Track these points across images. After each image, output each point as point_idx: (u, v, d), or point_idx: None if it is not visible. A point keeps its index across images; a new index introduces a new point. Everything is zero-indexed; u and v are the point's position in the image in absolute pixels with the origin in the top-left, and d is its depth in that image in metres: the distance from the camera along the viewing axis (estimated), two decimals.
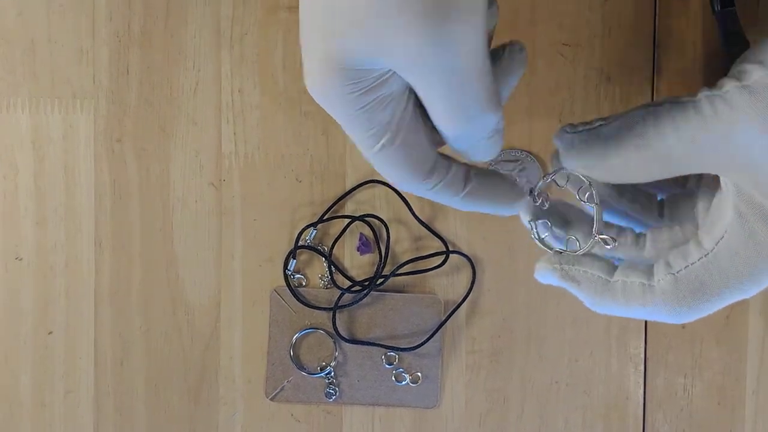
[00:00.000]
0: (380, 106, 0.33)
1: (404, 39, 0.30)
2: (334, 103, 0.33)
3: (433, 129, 0.35)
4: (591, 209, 0.38)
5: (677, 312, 0.36)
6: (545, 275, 0.39)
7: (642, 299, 0.36)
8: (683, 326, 0.55)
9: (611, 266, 0.38)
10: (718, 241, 0.35)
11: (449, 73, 0.32)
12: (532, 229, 0.40)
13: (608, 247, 0.38)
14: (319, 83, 0.33)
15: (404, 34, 0.30)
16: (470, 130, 0.34)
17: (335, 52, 0.31)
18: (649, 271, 0.37)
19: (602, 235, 0.38)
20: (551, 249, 0.40)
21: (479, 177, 0.37)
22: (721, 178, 0.35)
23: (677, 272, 0.36)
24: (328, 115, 0.34)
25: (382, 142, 0.34)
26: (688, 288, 0.35)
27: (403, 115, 0.34)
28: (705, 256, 0.35)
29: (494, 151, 0.36)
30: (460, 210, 0.38)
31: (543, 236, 0.40)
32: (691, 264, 0.35)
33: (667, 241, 0.38)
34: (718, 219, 0.35)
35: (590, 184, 0.38)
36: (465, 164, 0.36)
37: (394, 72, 0.32)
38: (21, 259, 0.57)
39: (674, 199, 0.41)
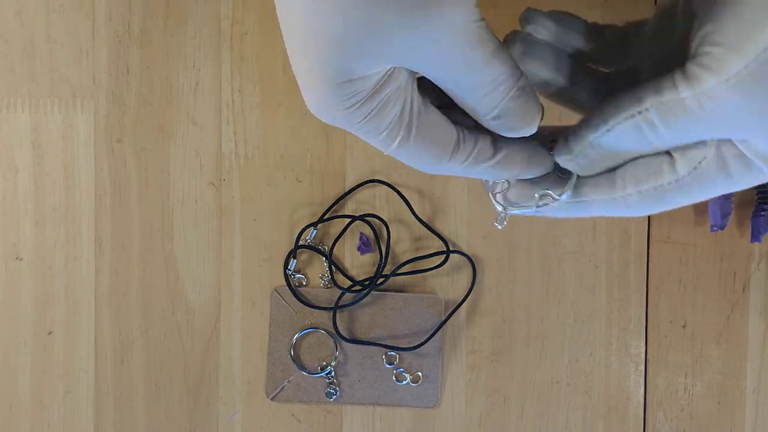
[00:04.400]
0: (387, 106, 0.33)
1: (397, 35, 0.30)
2: (341, 118, 0.32)
3: (451, 105, 0.34)
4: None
5: (633, 214, 0.37)
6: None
7: (606, 210, 0.37)
8: (684, 326, 0.55)
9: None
10: (691, 171, 0.35)
11: (448, 52, 0.31)
12: (492, 195, 0.39)
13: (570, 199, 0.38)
14: (322, 104, 0.32)
15: (396, 31, 0.30)
16: (484, 90, 0.33)
17: (329, 69, 0.31)
18: (612, 181, 0.36)
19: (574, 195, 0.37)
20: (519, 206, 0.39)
21: (508, 143, 0.36)
22: None
23: (644, 190, 0.36)
24: None
25: (399, 139, 0.34)
26: (652, 201, 0.36)
27: (411, 106, 0.33)
28: (676, 181, 0.35)
29: (528, 113, 0.35)
30: (493, 180, 0.37)
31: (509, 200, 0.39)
32: (661, 185, 0.35)
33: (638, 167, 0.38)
34: (693, 145, 0.35)
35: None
36: (491, 133, 0.35)
37: (395, 67, 0.32)
38: (21, 259, 0.56)
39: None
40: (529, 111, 0.35)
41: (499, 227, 0.39)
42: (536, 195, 0.38)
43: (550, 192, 0.38)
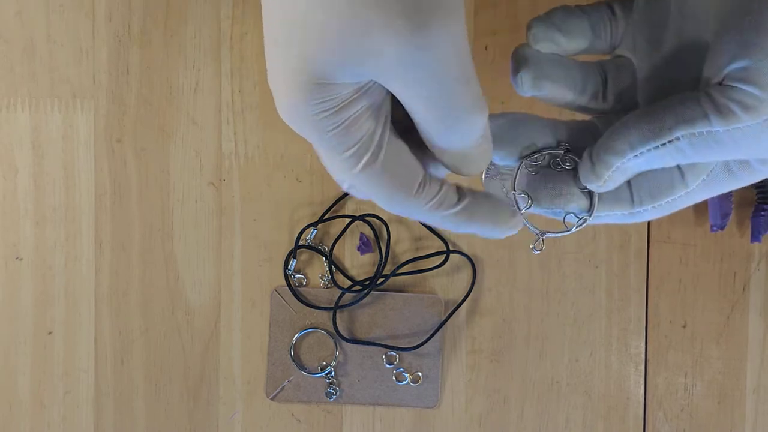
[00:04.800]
0: (358, 121, 0.31)
1: (384, 43, 0.28)
2: (308, 122, 0.31)
3: (419, 145, 0.33)
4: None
5: (641, 221, 0.38)
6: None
7: (619, 220, 0.38)
8: (684, 326, 0.55)
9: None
10: (700, 182, 0.36)
11: (433, 74, 0.30)
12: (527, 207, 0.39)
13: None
14: (288, 104, 0.31)
15: (383, 38, 0.28)
16: (458, 134, 0.32)
17: (306, 67, 0.29)
18: (628, 200, 0.37)
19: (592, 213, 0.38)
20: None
21: (472, 193, 0.35)
22: None
23: (659, 204, 0.36)
24: None
25: (365, 160, 0.32)
26: (664, 211, 0.37)
27: (384, 129, 0.32)
28: (686, 193, 0.36)
29: (485, 160, 0.35)
30: (454, 232, 0.37)
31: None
32: (674, 198, 0.36)
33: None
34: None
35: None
36: (456, 182, 0.35)
37: (373, 83, 0.31)
38: (21, 259, 0.56)
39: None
40: (485, 161, 0.35)
41: (536, 252, 0.39)
42: (572, 221, 0.38)
43: (576, 213, 0.38)
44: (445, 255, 0.55)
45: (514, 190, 0.38)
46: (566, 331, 0.56)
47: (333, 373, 0.56)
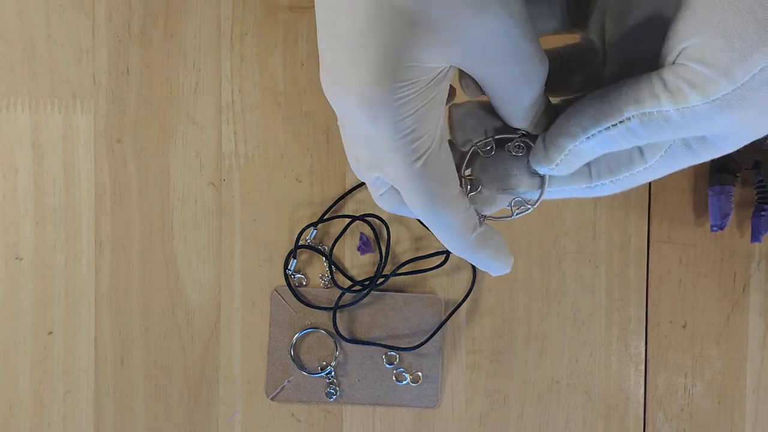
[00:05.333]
0: (432, 108, 0.32)
1: (476, 21, 0.30)
2: (387, 108, 0.31)
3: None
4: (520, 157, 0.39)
5: (600, 195, 0.38)
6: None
7: (576, 194, 0.38)
8: (684, 326, 0.55)
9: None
10: (659, 158, 0.35)
11: (514, 40, 0.31)
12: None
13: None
14: (368, 91, 0.31)
15: (473, 13, 0.30)
16: (531, 90, 0.34)
17: (394, 49, 0.30)
18: (586, 174, 0.37)
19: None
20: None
21: (488, 223, 0.37)
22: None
23: (617, 179, 0.36)
24: (328, 115, 0.33)
25: (429, 152, 0.33)
26: (623, 185, 0.36)
27: (440, 120, 0.33)
28: (645, 168, 0.36)
29: (549, 114, 0.36)
30: (464, 257, 0.37)
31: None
32: (632, 173, 0.36)
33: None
34: None
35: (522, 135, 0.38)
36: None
37: (448, 69, 0.32)
38: (21, 259, 0.56)
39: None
40: (550, 116, 0.36)
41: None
42: (511, 206, 0.39)
43: (523, 198, 0.38)
44: (445, 255, 0.55)
45: (464, 175, 0.38)
46: (566, 331, 0.56)
47: (333, 373, 0.56)
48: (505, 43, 0.31)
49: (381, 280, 0.55)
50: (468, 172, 0.39)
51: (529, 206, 0.39)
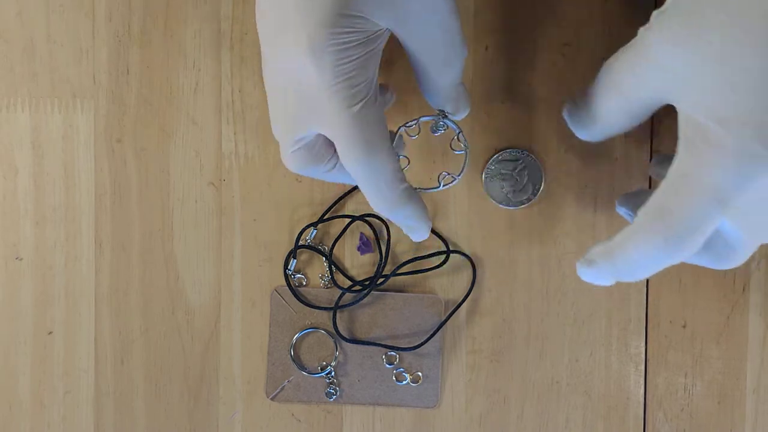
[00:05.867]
0: (372, 59, 0.35)
1: None
2: (329, 53, 0.34)
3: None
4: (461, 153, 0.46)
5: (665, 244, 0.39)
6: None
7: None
8: (684, 326, 0.55)
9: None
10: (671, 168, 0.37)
11: (447, 12, 0.36)
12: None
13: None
14: (312, 35, 0.34)
15: None
16: (453, 70, 0.39)
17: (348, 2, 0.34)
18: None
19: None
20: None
21: (411, 185, 0.42)
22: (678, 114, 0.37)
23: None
24: None
25: (366, 99, 0.35)
26: (653, 215, 0.37)
27: (377, 77, 0.36)
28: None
29: (468, 101, 0.42)
30: (386, 215, 0.41)
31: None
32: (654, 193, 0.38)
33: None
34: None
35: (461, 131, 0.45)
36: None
37: (386, 31, 0.35)
38: (21, 259, 0.56)
39: None
40: (468, 103, 0.43)
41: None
42: (439, 179, 0.46)
43: (449, 173, 0.46)
44: (445, 255, 0.55)
45: (398, 154, 0.43)
46: (566, 331, 0.56)
47: (333, 373, 0.56)
48: (439, 19, 0.36)
49: (381, 280, 0.55)
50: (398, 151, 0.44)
51: (455, 177, 0.46)
